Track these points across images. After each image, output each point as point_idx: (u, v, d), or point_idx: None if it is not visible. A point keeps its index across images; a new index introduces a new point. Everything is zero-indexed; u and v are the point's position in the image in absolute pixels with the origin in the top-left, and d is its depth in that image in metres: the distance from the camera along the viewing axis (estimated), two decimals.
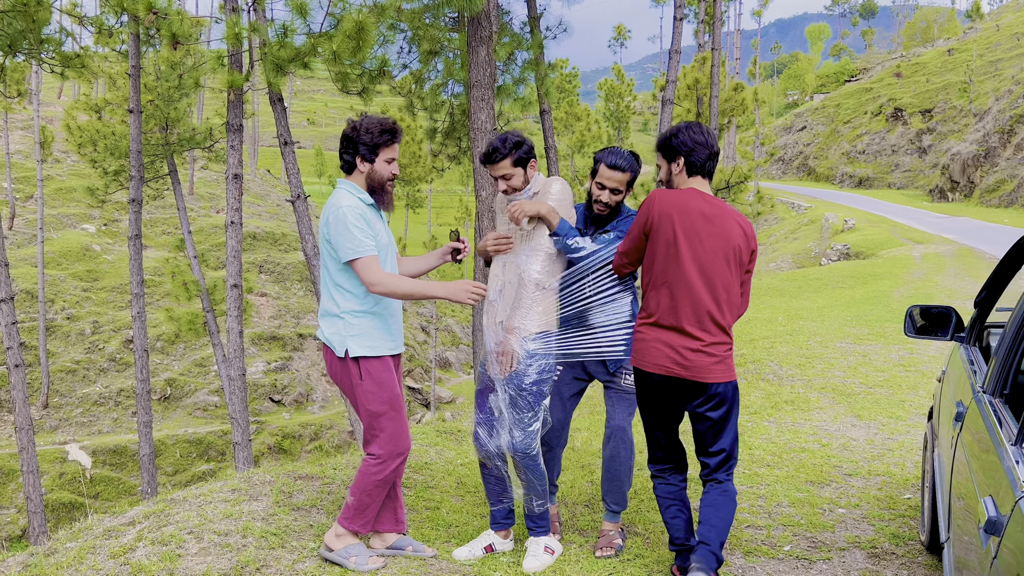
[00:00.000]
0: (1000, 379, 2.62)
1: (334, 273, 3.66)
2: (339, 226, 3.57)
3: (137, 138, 15.83)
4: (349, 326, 3.63)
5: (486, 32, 12.10)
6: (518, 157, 3.90)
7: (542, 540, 4.00)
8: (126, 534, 3.79)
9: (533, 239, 3.86)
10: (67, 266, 31.43)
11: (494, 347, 3.82)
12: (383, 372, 3.65)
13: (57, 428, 25.85)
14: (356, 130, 3.70)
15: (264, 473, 4.53)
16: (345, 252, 3.57)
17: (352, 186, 3.72)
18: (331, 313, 3.67)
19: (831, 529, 4.33)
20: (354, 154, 3.71)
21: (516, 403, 3.79)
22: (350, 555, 3.68)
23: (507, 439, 3.83)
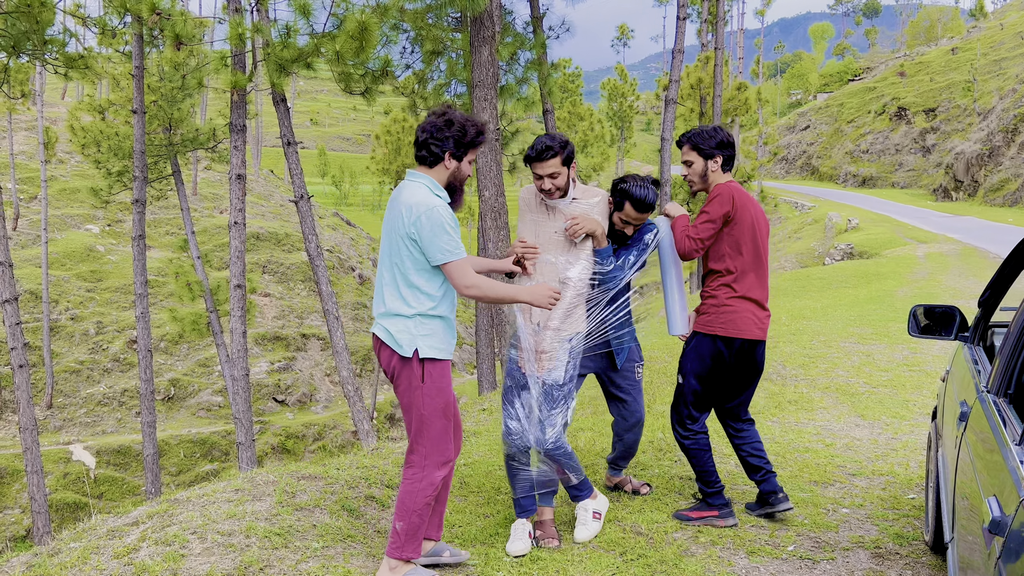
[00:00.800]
0: (1004, 379, 2.61)
1: (411, 273, 3.49)
2: (435, 227, 3.40)
3: (141, 139, 15.85)
4: (420, 326, 3.50)
5: (489, 32, 12.10)
6: (567, 155, 3.95)
7: (589, 505, 4.18)
8: (130, 534, 3.79)
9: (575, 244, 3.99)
10: (71, 267, 31.48)
11: (531, 346, 3.92)
12: (443, 377, 3.56)
13: (61, 428, 25.90)
14: (451, 124, 3.52)
15: (267, 473, 4.54)
16: (440, 254, 3.43)
17: (432, 182, 3.54)
18: (399, 313, 3.50)
19: (835, 529, 4.32)
20: (443, 149, 3.52)
21: (550, 400, 3.93)
22: None
23: (538, 436, 3.94)
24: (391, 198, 3.63)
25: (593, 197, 4.06)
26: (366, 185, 64.68)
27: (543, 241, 4.04)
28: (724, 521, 4.33)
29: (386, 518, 4.37)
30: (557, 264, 3.97)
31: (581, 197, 4.05)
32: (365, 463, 5.13)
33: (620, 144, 60.06)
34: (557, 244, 4.03)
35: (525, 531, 4.09)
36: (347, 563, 3.73)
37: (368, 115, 79.43)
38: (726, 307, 4.22)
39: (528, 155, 3.95)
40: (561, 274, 3.96)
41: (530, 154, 3.94)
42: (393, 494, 4.73)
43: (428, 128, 3.53)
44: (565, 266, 3.96)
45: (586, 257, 4.00)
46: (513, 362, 4.06)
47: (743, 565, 3.93)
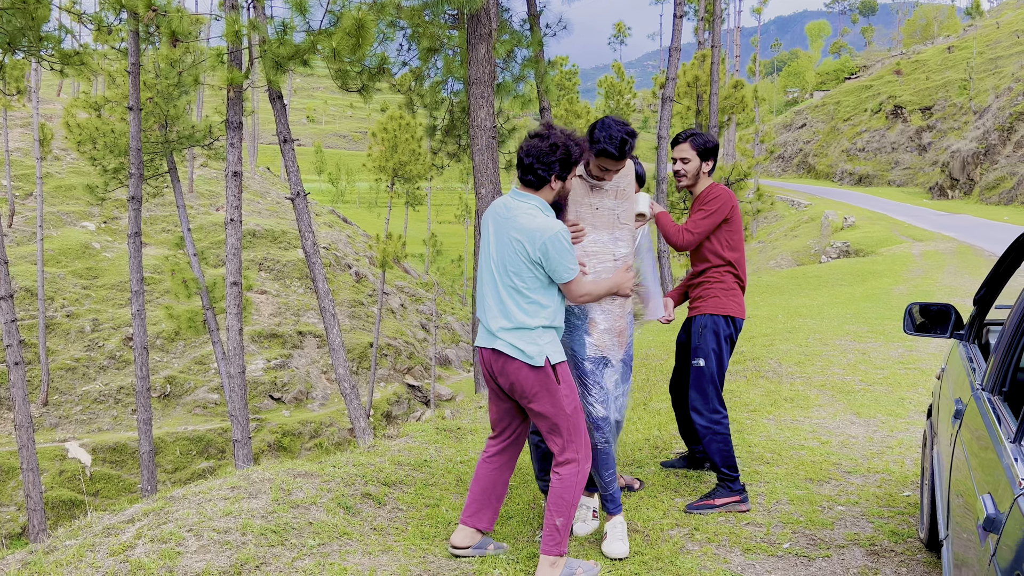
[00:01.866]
0: (999, 376, 2.61)
1: (534, 291, 3.65)
2: (561, 250, 3.58)
3: (136, 136, 15.82)
4: (543, 336, 3.67)
5: (486, 29, 12.09)
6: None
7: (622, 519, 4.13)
8: (125, 532, 3.79)
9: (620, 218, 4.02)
10: (67, 264, 31.42)
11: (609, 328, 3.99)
12: (569, 375, 3.77)
13: (57, 426, 25.86)
14: (555, 148, 3.63)
15: (263, 471, 4.53)
16: (567, 273, 3.62)
17: (542, 203, 3.69)
18: (524, 327, 3.65)
19: (830, 526, 4.33)
20: (550, 173, 3.64)
21: (625, 375, 4.08)
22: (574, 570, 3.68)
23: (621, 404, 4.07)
24: (496, 214, 3.75)
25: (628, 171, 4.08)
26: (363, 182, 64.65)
27: (588, 220, 4.01)
28: (745, 505, 4.52)
29: (382, 516, 4.37)
30: (603, 241, 3.99)
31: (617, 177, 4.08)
32: (361, 460, 5.12)
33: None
34: (602, 221, 4.00)
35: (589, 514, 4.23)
36: (343, 560, 3.73)
37: (365, 112, 79.37)
38: (733, 291, 4.65)
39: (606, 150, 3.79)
40: (615, 253, 3.99)
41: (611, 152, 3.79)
42: (390, 491, 4.73)
43: (533, 153, 3.63)
44: (613, 242, 3.99)
45: (629, 229, 4.06)
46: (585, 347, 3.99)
47: (739, 562, 3.94)
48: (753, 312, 13.28)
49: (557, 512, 3.66)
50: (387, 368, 32.87)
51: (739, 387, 7.72)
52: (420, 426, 6.49)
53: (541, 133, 3.68)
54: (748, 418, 6.53)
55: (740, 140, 42.86)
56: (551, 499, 3.69)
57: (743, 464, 5.36)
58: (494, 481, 3.95)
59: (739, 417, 6.58)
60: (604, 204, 4.00)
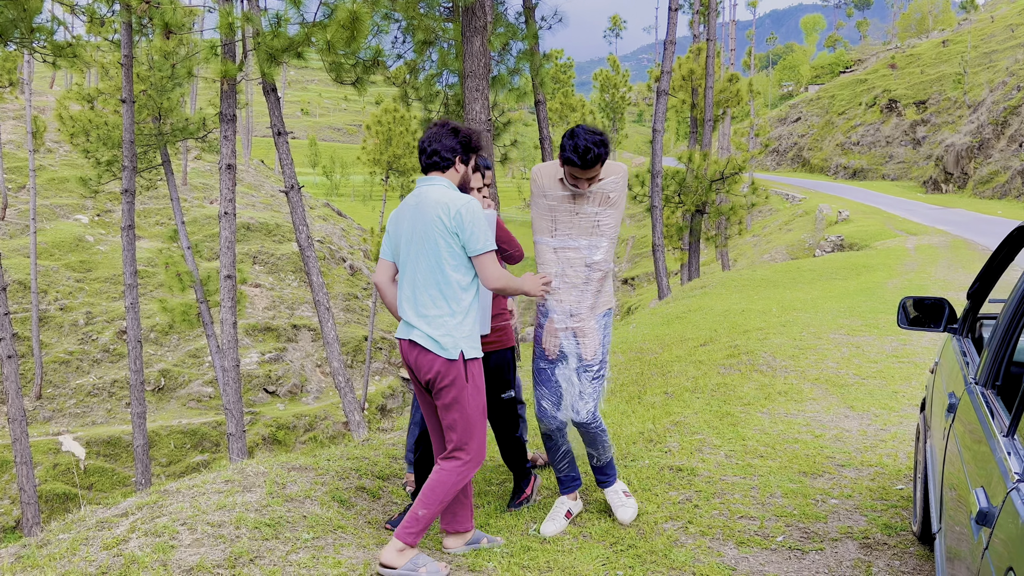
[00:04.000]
0: (992, 370, 2.62)
1: (451, 271, 3.61)
2: (475, 218, 3.58)
3: (130, 128, 15.76)
4: (461, 327, 3.63)
5: (480, 22, 12.05)
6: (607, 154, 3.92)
7: (618, 486, 4.33)
8: (119, 525, 3.78)
9: (599, 225, 3.99)
10: (60, 257, 31.32)
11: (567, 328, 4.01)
12: (481, 375, 3.73)
13: (51, 419, 25.80)
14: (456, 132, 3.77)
15: (258, 464, 4.53)
16: (478, 243, 3.58)
17: (450, 184, 3.74)
18: (441, 314, 3.61)
19: (824, 520, 4.34)
20: (454, 155, 3.75)
21: (590, 371, 4.04)
22: (418, 566, 3.60)
23: (580, 407, 4.04)
24: (410, 205, 3.74)
25: (615, 174, 4.00)
26: (357, 175, 64.47)
27: (565, 224, 4.01)
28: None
29: (376, 509, 4.37)
30: (580, 247, 4.01)
31: (604, 175, 3.99)
32: (355, 454, 5.12)
33: (612, 135, 60.01)
34: (579, 228, 4.01)
35: (564, 509, 4.24)
36: (337, 554, 3.73)
37: (359, 105, 79.17)
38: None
39: (570, 159, 3.79)
40: (588, 259, 4.01)
41: (574, 160, 3.79)
42: (384, 485, 4.74)
43: (434, 138, 3.75)
44: (590, 251, 4.01)
45: (609, 238, 4.02)
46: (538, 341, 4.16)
47: (732, 555, 3.95)
48: (748, 306, 13.30)
49: (424, 504, 3.61)
50: (382, 361, 32.86)
51: (733, 381, 7.73)
52: None
53: (439, 123, 3.81)
54: (742, 412, 6.54)
55: (735, 134, 42.87)
56: (424, 488, 3.66)
57: (737, 457, 5.37)
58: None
59: (733, 411, 6.59)
60: (584, 210, 4.00)
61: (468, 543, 3.95)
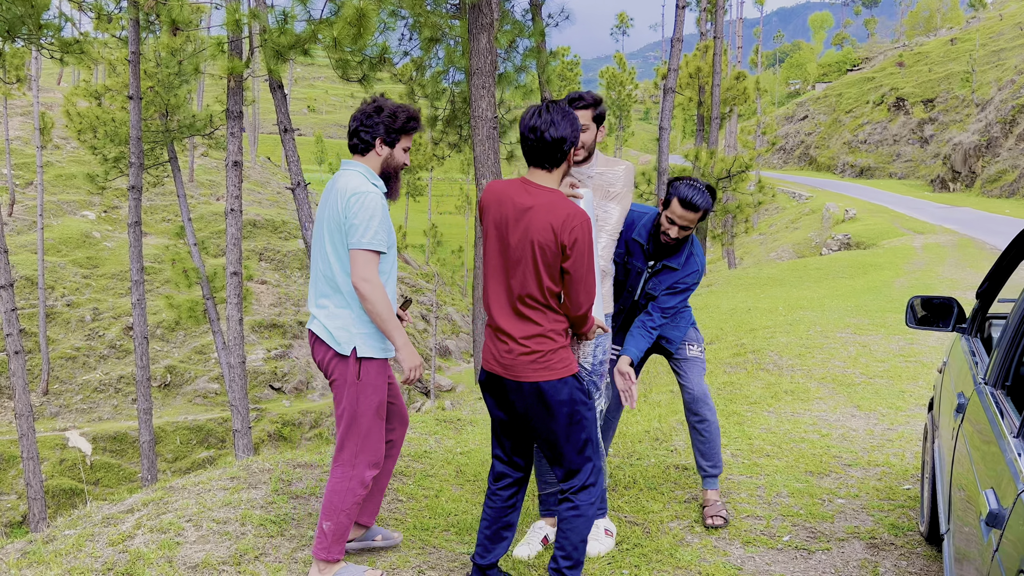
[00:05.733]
0: (1002, 371, 2.60)
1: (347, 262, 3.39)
2: (362, 211, 3.29)
3: (137, 125, 15.77)
4: (359, 321, 3.39)
5: (487, 19, 12.04)
6: (599, 112, 3.72)
7: (601, 523, 4.01)
8: (125, 522, 3.78)
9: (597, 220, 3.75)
10: (67, 253, 31.41)
11: None
12: (380, 375, 3.46)
13: (57, 415, 25.88)
14: (380, 111, 3.46)
15: (263, 461, 4.53)
16: (361, 239, 3.29)
17: (366, 170, 3.45)
18: (339, 306, 3.39)
19: (830, 519, 4.32)
20: (373, 136, 3.45)
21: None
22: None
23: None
24: (326, 188, 3.53)
25: (617, 166, 3.82)
26: None
27: None
28: None
29: (382, 506, 4.36)
30: None
31: (605, 168, 3.81)
32: None
33: (618, 133, 59.98)
34: None
35: (540, 535, 3.97)
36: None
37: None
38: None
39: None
40: None
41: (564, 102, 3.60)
42: (389, 482, 4.73)
43: (358, 116, 3.48)
44: None
45: (609, 233, 3.77)
46: None
47: (738, 555, 3.94)
48: (754, 304, 13.27)
49: (324, 516, 3.42)
50: None
51: (740, 380, 7.71)
52: (420, 417, 6.48)
53: (369, 100, 3.53)
54: (748, 411, 6.53)
55: (742, 132, 42.78)
56: (324, 500, 3.45)
57: (743, 456, 5.35)
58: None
59: (739, 410, 6.58)
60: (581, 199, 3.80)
61: (360, 538, 3.76)
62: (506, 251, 3.23)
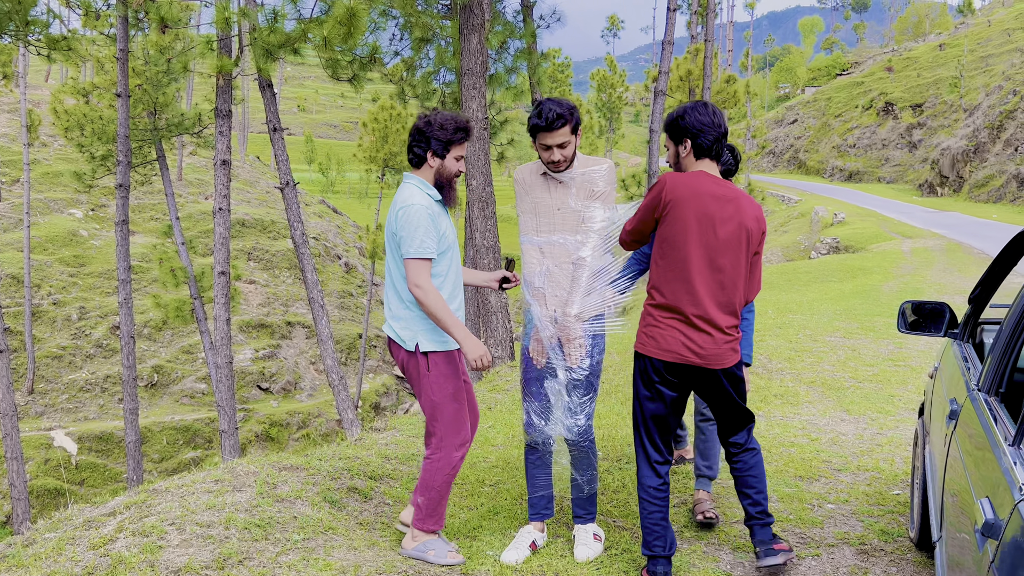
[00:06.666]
0: (996, 377, 2.57)
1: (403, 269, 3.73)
2: (408, 222, 3.62)
3: (124, 123, 15.66)
4: (419, 319, 3.73)
5: (478, 20, 12.00)
6: (575, 122, 3.74)
7: (590, 528, 4.00)
8: (106, 525, 3.72)
9: (584, 220, 3.78)
10: (54, 251, 31.18)
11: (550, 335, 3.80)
12: (448, 365, 3.77)
13: (42, 414, 25.69)
14: (430, 125, 3.72)
15: (248, 464, 4.47)
16: (408, 249, 3.62)
17: (421, 181, 3.75)
18: (401, 310, 3.75)
19: (820, 525, 4.30)
20: (425, 149, 3.74)
21: (580, 386, 3.82)
22: (428, 548, 3.77)
23: (570, 423, 3.84)
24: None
25: (598, 165, 3.80)
26: (353, 173, 64.36)
27: (547, 221, 3.83)
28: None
29: (368, 510, 4.32)
30: (567, 245, 3.79)
31: (586, 168, 3.80)
32: (348, 454, 5.07)
33: (609, 135, 60.02)
34: (564, 223, 3.81)
35: (529, 540, 3.93)
36: (328, 555, 3.68)
37: (356, 102, 78.98)
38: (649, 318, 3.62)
39: (535, 124, 3.67)
40: (573, 254, 3.78)
41: (538, 123, 3.66)
42: (376, 485, 4.69)
43: (412, 132, 3.77)
44: (576, 246, 3.77)
45: (597, 233, 3.76)
46: (526, 351, 3.93)
47: (728, 560, 3.91)
48: None
49: (419, 492, 3.81)
50: (376, 359, 32.78)
51: None
52: (407, 419, 6.44)
53: (422, 115, 3.81)
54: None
55: (731, 135, 42.87)
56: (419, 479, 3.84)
57: None
58: None
59: None
60: (568, 205, 3.80)
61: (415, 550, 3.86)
62: (713, 242, 3.48)
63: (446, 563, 3.74)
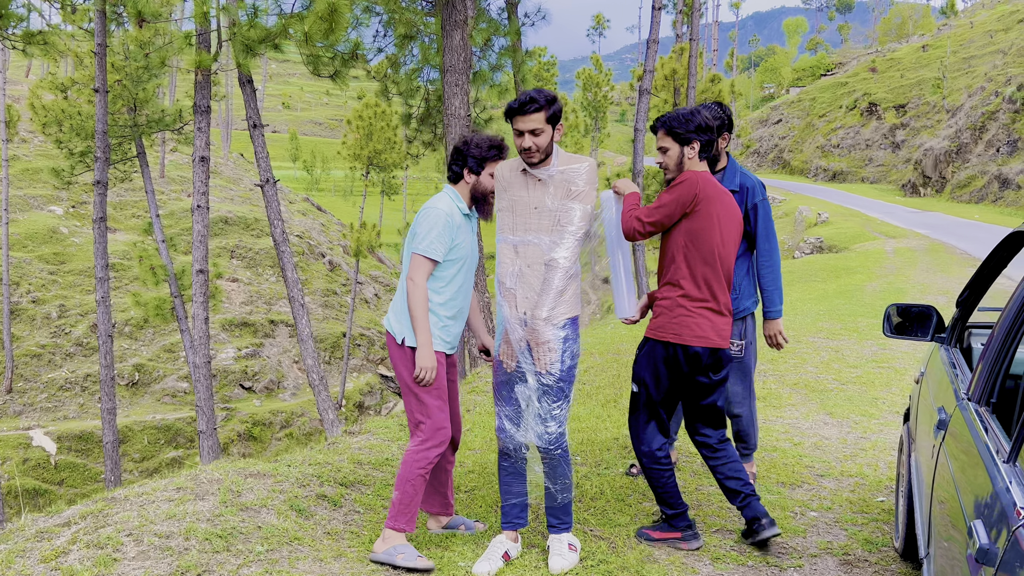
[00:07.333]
0: (987, 386, 2.43)
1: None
2: (426, 221, 3.77)
3: (103, 119, 15.42)
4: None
5: (461, 16, 11.85)
6: (552, 113, 3.64)
7: (565, 537, 3.85)
8: (60, 536, 3.56)
9: (560, 221, 3.65)
10: (33, 248, 30.81)
11: (519, 338, 3.67)
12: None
13: (21, 413, 25.37)
14: (467, 144, 3.92)
15: (212, 470, 4.31)
16: (417, 244, 3.76)
17: (455, 194, 3.92)
18: (400, 303, 3.89)
19: (803, 534, 4.18)
20: (462, 166, 3.91)
21: (551, 393, 3.69)
22: (397, 553, 3.75)
23: (540, 431, 3.71)
24: None
25: (579, 164, 3.68)
26: (338, 171, 64.05)
27: (523, 220, 3.69)
28: (687, 544, 3.99)
29: (337, 519, 4.17)
30: (541, 245, 3.64)
31: (566, 166, 3.67)
32: (318, 459, 4.91)
33: (594, 134, 59.96)
34: (540, 223, 3.67)
35: (501, 550, 3.79)
36: (292, 567, 3.53)
37: (342, 100, 78.62)
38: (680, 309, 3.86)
39: (510, 107, 3.63)
40: (546, 255, 3.63)
41: (512, 106, 3.63)
42: (347, 492, 4.54)
43: (452, 151, 4.00)
44: (550, 247, 3.62)
45: (572, 234, 3.62)
46: (498, 355, 3.79)
47: (707, 572, 3.78)
48: None
49: (396, 486, 3.85)
50: (360, 358, 32.57)
51: None
52: (383, 422, 6.29)
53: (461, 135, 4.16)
54: None
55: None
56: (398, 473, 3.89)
57: None
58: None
59: None
60: (545, 205, 3.67)
61: (445, 526, 4.16)
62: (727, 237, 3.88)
63: (415, 567, 3.67)
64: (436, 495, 4.13)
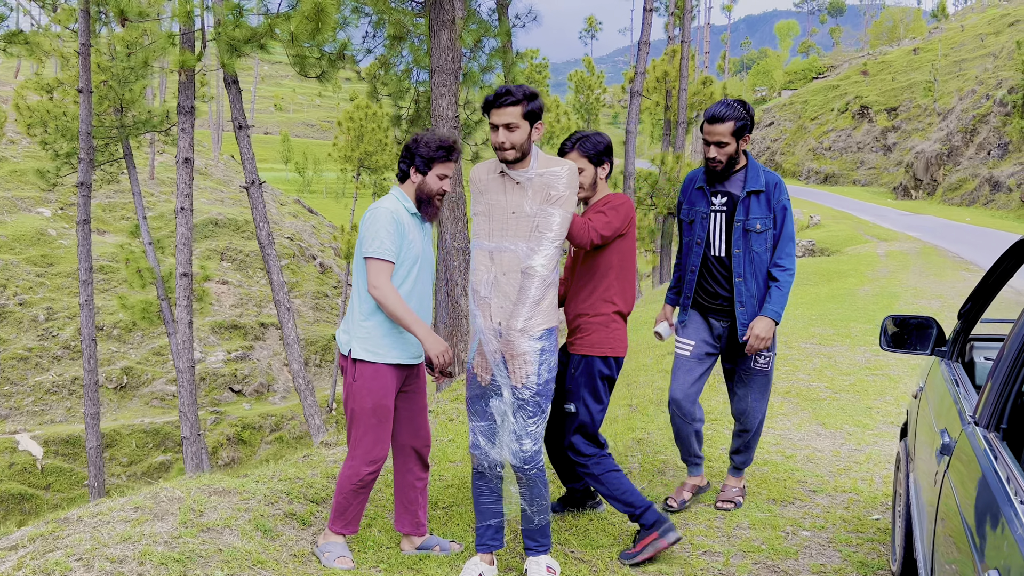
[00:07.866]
0: (996, 410, 2.23)
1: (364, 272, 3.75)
2: (373, 223, 3.66)
3: (87, 119, 15.20)
4: (359, 328, 3.72)
5: (449, 16, 11.66)
6: (529, 109, 3.47)
7: (543, 560, 3.66)
8: (5, 561, 3.34)
9: (538, 227, 3.45)
10: (20, 251, 30.50)
11: (494, 350, 3.47)
12: (375, 380, 3.70)
13: (8, 417, 25.09)
14: (416, 143, 3.82)
15: (174, 488, 4.09)
16: (367, 248, 3.63)
17: (401, 193, 3.83)
18: (350, 313, 3.81)
19: (794, 556, 3.99)
20: (409, 164, 3.82)
21: (526, 408, 3.48)
22: (325, 550, 3.77)
23: (515, 448, 3.50)
24: None
25: (559, 167, 3.49)
26: (330, 172, 63.79)
27: (500, 225, 3.51)
28: (667, 539, 3.82)
29: (305, 539, 3.96)
30: (518, 252, 3.46)
31: (545, 169, 3.49)
32: (290, 474, 4.70)
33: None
34: (517, 228, 3.48)
35: (475, 572, 3.61)
36: None
37: (334, 101, 78.41)
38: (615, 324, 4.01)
39: (486, 100, 3.51)
40: (523, 263, 3.44)
41: (488, 99, 3.51)
42: (318, 509, 4.33)
43: (403, 149, 3.88)
44: (527, 254, 3.44)
45: (551, 241, 3.44)
46: (470, 367, 3.60)
47: None
48: None
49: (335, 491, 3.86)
50: None
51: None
52: None
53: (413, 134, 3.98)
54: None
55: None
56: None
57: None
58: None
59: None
60: (523, 209, 3.49)
61: (419, 547, 3.98)
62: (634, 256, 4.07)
63: (331, 566, 3.69)
64: (406, 514, 3.97)
